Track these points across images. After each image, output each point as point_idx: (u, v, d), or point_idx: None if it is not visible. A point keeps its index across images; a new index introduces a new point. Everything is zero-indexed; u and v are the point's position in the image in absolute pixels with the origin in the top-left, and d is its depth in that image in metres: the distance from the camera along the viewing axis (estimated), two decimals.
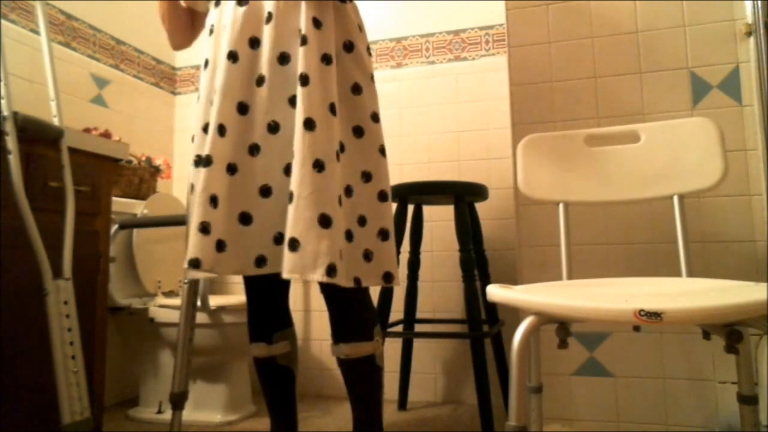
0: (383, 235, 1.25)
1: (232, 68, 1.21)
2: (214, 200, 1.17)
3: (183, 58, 2.71)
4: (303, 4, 1.22)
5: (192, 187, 1.29)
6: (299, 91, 1.17)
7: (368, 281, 1.22)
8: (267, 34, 1.22)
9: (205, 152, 1.19)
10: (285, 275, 1.10)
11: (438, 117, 2.32)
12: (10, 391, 1.26)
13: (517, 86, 1.75)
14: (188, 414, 1.90)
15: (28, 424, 1.29)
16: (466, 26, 2.32)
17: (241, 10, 1.24)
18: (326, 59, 1.21)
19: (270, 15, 1.22)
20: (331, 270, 1.09)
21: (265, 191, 1.20)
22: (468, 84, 2.29)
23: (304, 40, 1.19)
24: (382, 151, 1.28)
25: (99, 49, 2.26)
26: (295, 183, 1.13)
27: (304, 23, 1.20)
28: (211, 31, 1.31)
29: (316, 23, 1.21)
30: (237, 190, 1.19)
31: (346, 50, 1.28)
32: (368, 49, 1.36)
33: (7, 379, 1.25)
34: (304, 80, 1.17)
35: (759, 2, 1.49)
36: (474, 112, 2.27)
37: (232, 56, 1.22)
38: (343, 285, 1.16)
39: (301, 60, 1.18)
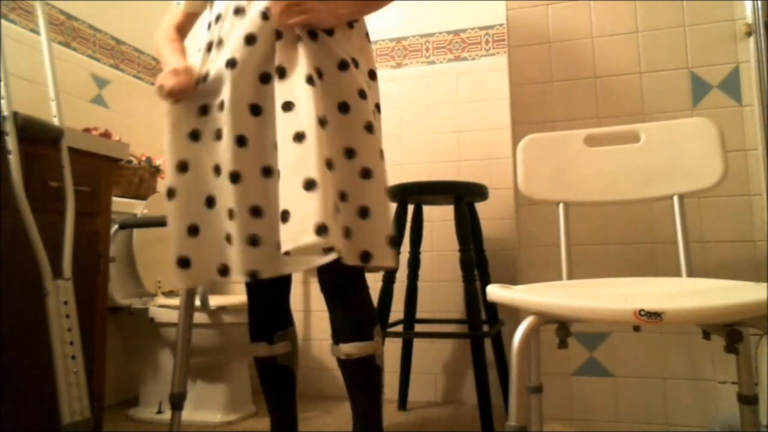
0: (363, 212, 1.21)
1: (234, 74, 1.22)
2: (255, 211, 1.19)
3: None
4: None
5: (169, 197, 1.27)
6: (277, 85, 1.17)
7: (345, 259, 1.18)
8: (263, 31, 1.22)
9: (229, 168, 1.19)
10: (282, 248, 1.06)
11: (438, 117, 2.32)
12: (10, 391, 1.26)
13: (517, 86, 1.75)
14: (188, 414, 1.90)
15: (28, 424, 1.29)
16: (466, 26, 2.32)
17: (238, 20, 1.25)
18: (300, 37, 1.21)
19: (265, 13, 1.22)
20: (320, 229, 1.04)
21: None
22: (468, 84, 2.29)
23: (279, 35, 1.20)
24: (368, 128, 1.25)
25: (99, 49, 2.26)
26: (280, 159, 1.12)
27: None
28: (209, 48, 1.32)
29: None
30: (276, 192, 1.18)
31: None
32: (367, 35, 1.36)
33: (7, 379, 1.25)
34: (281, 72, 1.18)
35: (759, 2, 1.49)
36: (474, 112, 2.27)
37: (231, 63, 1.22)
38: (328, 255, 1.12)
39: (278, 53, 1.19)
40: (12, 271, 1.26)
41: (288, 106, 1.15)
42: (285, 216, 1.07)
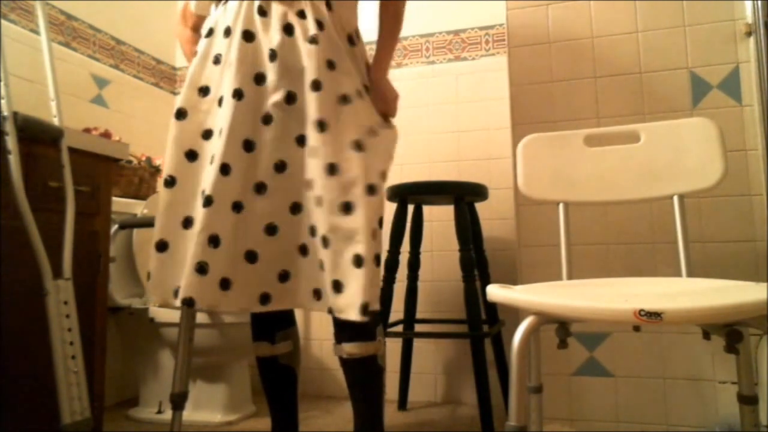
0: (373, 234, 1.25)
1: (239, 106, 1.22)
2: (214, 240, 1.19)
3: (183, 58, 2.71)
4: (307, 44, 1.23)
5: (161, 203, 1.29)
6: (315, 137, 1.19)
7: None
8: (272, 72, 1.23)
9: (206, 192, 1.20)
10: (338, 314, 1.15)
11: (438, 117, 2.32)
12: (10, 391, 1.26)
13: (517, 86, 1.75)
14: (188, 414, 1.90)
15: (28, 424, 1.29)
16: (466, 26, 2.32)
17: (250, 46, 1.25)
18: (344, 99, 1.23)
19: (274, 53, 1.23)
20: (364, 309, 1.14)
21: (271, 230, 1.23)
22: (468, 84, 2.29)
23: (317, 86, 1.21)
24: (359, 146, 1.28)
25: (99, 49, 2.26)
26: (325, 221, 1.16)
27: (315, 66, 1.21)
28: (210, 32, 1.32)
29: (330, 65, 1.23)
30: (243, 229, 1.22)
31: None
32: (353, 38, 1.36)
33: (7, 379, 1.25)
34: (321, 126, 1.19)
35: (759, 2, 1.49)
36: (474, 112, 2.27)
37: (238, 94, 1.23)
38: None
39: (315, 104, 1.20)
40: (12, 271, 1.26)
41: (333, 169, 1.18)
42: (338, 286, 1.15)
